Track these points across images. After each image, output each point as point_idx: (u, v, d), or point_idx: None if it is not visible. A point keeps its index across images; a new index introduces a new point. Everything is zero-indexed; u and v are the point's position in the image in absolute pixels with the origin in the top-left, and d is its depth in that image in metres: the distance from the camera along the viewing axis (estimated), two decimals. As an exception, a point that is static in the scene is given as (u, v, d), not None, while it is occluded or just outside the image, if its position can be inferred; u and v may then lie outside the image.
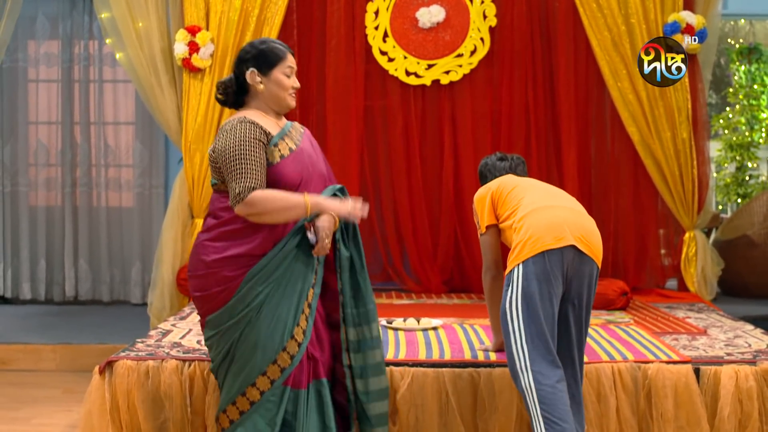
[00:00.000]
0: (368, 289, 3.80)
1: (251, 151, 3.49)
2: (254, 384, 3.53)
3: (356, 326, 3.75)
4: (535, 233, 3.79)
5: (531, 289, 3.71)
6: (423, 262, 6.92)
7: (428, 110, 6.84)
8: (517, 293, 3.74)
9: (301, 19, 6.80)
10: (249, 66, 3.67)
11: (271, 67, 3.67)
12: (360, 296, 3.76)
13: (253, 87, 3.68)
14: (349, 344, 3.74)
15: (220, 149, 3.51)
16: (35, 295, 8.35)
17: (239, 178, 3.45)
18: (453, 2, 6.73)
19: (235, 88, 3.74)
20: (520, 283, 3.74)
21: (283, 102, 3.71)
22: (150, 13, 6.51)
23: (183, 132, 6.52)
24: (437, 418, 4.17)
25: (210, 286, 3.54)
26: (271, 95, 3.69)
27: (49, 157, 8.38)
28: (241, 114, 3.64)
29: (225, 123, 3.60)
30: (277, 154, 3.58)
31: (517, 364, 3.70)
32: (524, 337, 3.70)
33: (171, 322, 5.26)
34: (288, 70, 3.70)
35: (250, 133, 3.52)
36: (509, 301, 3.75)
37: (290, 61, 3.72)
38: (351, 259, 3.73)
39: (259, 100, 3.71)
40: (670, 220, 6.87)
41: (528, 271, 3.74)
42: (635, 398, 4.19)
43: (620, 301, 5.93)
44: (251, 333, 3.51)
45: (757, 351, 4.53)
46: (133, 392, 4.18)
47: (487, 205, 4.14)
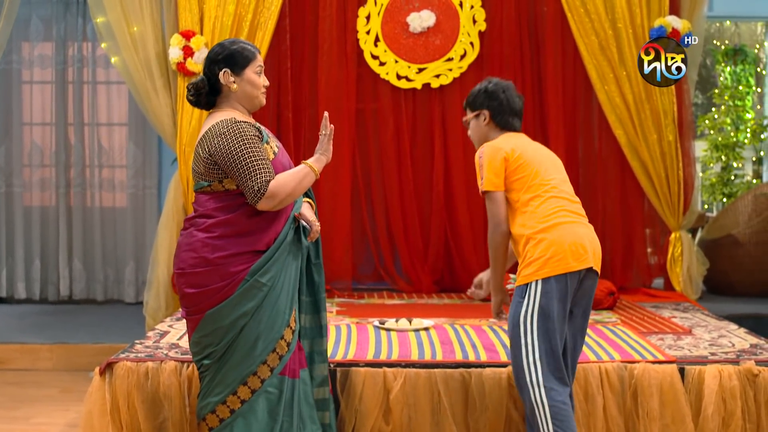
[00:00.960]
0: (321, 279, 3.93)
1: (256, 148, 3.56)
2: (255, 373, 3.60)
3: (307, 314, 3.89)
4: (559, 252, 3.79)
5: (550, 307, 3.75)
6: (414, 262, 6.97)
7: (419, 113, 6.90)
8: (534, 308, 3.75)
9: (293, 23, 6.82)
10: (221, 67, 3.70)
11: (243, 66, 3.71)
12: (312, 285, 3.90)
13: (226, 87, 3.71)
14: (302, 330, 3.86)
15: (223, 152, 3.55)
16: (30, 294, 8.38)
17: (254, 176, 3.52)
18: (443, 7, 6.78)
19: (207, 89, 3.76)
20: (539, 300, 3.76)
21: (255, 100, 3.77)
22: (145, 18, 6.53)
23: (178, 135, 6.54)
24: (429, 418, 4.24)
25: (211, 282, 3.59)
26: (245, 94, 3.73)
27: (44, 158, 8.43)
28: (223, 115, 3.67)
29: (213, 126, 3.61)
30: (270, 152, 3.67)
31: (527, 378, 3.73)
32: (537, 353, 3.73)
33: (167, 323, 5.33)
34: (258, 68, 3.75)
35: (248, 132, 3.58)
36: (525, 315, 3.76)
37: (260, 60, 3.77)
38: (308, 249, 3.85)
39: (231, 100, 3.74)
40: (657, 221, 6.93)
41: (550, 289, 3.76)
42: (622, 397, 4.27)
43: (607, 301, 5.98)
44: (254, 324, 3.59)
45: (740, 351, 4.61)
46: (133, 393, 4.24)
47: (500, 169, 3.98)
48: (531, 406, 3.74)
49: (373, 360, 4.39)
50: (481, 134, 4.15)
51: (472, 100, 4.17)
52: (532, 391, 3.72)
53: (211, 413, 3.64)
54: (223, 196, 3.63)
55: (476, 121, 4.15)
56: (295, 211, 3.73)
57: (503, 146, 3.99)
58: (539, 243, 3.80)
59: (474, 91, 4.19)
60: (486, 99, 4.13)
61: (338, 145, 6.59)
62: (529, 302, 3.77)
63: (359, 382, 4.27)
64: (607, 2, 6.53)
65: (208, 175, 3.63)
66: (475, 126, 4.16)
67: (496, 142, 4.02)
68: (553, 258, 3.77)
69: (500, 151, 3.97)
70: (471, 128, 4.20)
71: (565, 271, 3.78)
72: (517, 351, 3.77)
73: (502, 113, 4.12)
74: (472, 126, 4.18)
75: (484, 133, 4.14)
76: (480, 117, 4.13)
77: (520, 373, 3.76)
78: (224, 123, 3.59)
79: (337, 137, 6.58)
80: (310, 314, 3.89)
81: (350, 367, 4.30)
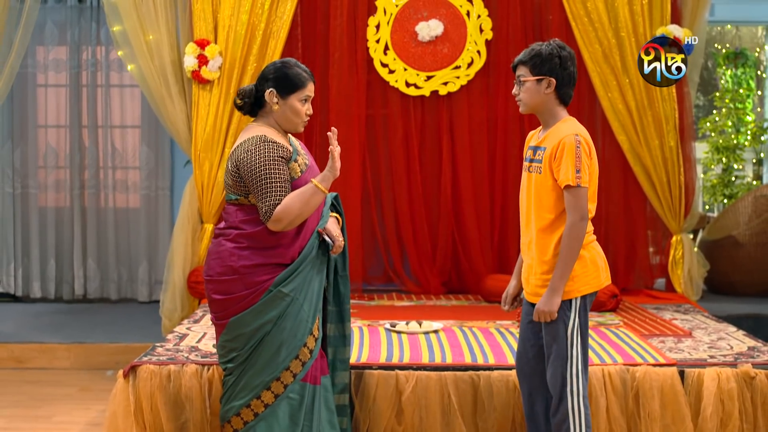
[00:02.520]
0: (347, 291, 4.08)
1: (277, 170, 3.70)
2: (279, 378, 3.76)
3: (332, 323, 4.06)
4: (596, 268, 3.85)
5: (587, 321, 3.85)
6: (422, 264, 7.03)
7: (427, 119, 6.95)
8: (577, 322, 3.79)
9: (305, 32, 6.89)
10: (270, 85, 3.81)
11: (290, 92, 3.81)
12: (338, 296, 4.06)
13: (269, 105, 3.85)
14: (328, 339, 4.04)
15: (247, 168, 3.70)
16: (45, 293, 8.44)
17: (265, 198, 3.68)
18: (451, 17, 6.82)
19: (252, 100, 3.90)
20: (579, 314, 3.81)
21: (293, 127, 3.88)
22: (160, 27, 6.60)
23: (192, 141, 6.63)
24: (440, 418, 4.36)
25: (236, 290, 3.74)
26: (284, 117, 3.85)
27: (58, 160, 8.49)
28: (258, 131, 3.80)
29: (245, 141, 3.75)
30: (298, 169, 3.80)
31: (568, 387, 3.77)
32: (580, 365, 3.79)
33: (186, 326, 5.44)
34: (305, 97, 3.84)
35: (274, 152, 3.72)
36: (572, 327, 3.78)
37: (309, 89, 3.85)
38: (335, 262, 4.02)
39: (271, 117, 3.87)
40: (658, 224, 6.99)
41: (587, 303, 3.85)
42: (624, 399, 4.37)
43: (610, 303, 6.08)
44: (277, 332, 3.74)
45: (738, 353, 4.73)
46: (155, 395, 4.36)
47: (594, 166, 3.82)
48: (564, 416, 3.77)
49: (385, 363, 4.50)
50: (538, 101, 3.84)
51: (540, 62, 3.79)
52: (572, 400, 3.76)
53: (235, 416, 3.79)
54: (249, 209, 3.78)
55: (537, 86, 3.81)
56: (320, 226, 3.87)
57: (588, 139, 3.79)
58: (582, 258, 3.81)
59: (543, 53, 3.80)
60: (557, 66, 3.80)
61: (349, 150, 6.72)
62: (574, 315, 3.80)
63: (373, 385, 4.38)
64: (611, 11, 6.57)
65: (235, 188, 3.78)
66: (534, 91, 3.82)
67: (585, 134, 3.80)
68: (593, 276, 3.83)
69: (592, 146, 3.81)
70: (526, 91, 3.84)
71: (600, 287, 3.88)
72: (563, 361, 3.78)
73: (568, 85, 3.85)
74: (530, 89, 3.83)
75: (541, 102, 3.83)
76: (543, 83, 3.80)
77: (562, 381, 3.78)
78: (254, 140, 3.73)
79: (348, 142, 6.71)
80: (335, 323, 4.05)
81: (364, 370, 4.41)
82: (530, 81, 3.81)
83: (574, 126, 3.80)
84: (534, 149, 3.91)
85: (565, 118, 3.84)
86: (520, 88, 3.86)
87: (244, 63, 6.57)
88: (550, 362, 3.83)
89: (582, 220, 3.73)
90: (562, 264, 3.74)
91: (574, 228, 3.72)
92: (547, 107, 3.85)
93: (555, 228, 3.80)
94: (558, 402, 3.81)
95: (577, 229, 3.72)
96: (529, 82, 3.82)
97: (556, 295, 3.76)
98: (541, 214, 3.83)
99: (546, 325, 3.83)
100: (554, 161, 3.75)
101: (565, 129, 3.78)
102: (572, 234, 3.73)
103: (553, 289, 3.76)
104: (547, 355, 3.86)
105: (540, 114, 3.88)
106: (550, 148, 3.77)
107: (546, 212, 3.81)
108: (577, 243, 3.74)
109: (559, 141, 3.73)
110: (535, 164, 3.87)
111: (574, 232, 3.72)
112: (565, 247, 3.74)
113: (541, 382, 3.95)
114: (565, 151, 3.72)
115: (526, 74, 3.83)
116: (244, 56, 6.57)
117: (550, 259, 3.80)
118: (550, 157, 3.77)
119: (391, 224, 7.08)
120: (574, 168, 3.70)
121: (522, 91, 3.85)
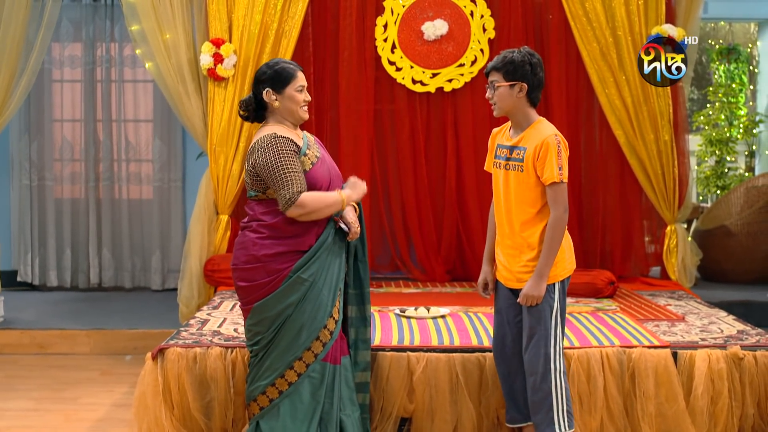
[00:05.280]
0: (366, 275, 4.32)
1: (290, 162, 3.94)
2: (301, 358, 3.99)
3: (353, 305, 4.28)
4: (571, 255, 4.16)
5: (565, 303, 4.11)
6: (428, 253, 7.18)
7: (433, 115, 7.10)
8: (558, 305, 4.06)
9: (316, 32, 7.04)
10: (265, 86, 4.08)
11: (284, 85, 4.08)
12: (358, 280, 4.29)
13: (270, 104, 4.10)
14: (349, 320, 4.27)
15: (263, 164, 3.94)
16: (61, 282, 8.59)
17: (287, 186, 3.91)
18: (455, 16, 6.95)
19: (254, 106, 4.15)
20: (560, 297, 4.08)
21: (296, 114, 4.12)
22: (177, 26, 6.74)
23: (208, 135, 6.78)
24: (449, 396, 4.56)
25: (258, 277, 3.98)
26: (286, 110, 4.10)
27: (74, 153, 8.62)
28: (269, 130, 4.04)
29: (257, 140, 4.00)
30: (308, 162, 4.04)
31: (551, 364, 4.01)
32: (561, 344, 4.06)
33: (206, 312, 5.64)
34: (299, 87, 4.11)
35: (285, 147, 3.96)
36: (556, 309, 4.05)
37: (301, 79, 4.12)
38: (355, 248, 4.26)
39: (276, 115, 4.12)
40: (653, 214, 7.13)
41: (565, 287, 4.12)
42: (621, 378, 4.56)
43: (608, 289, 6.25)
44: (298, 315, 3.97)
45: (727, 336, 4.93)
46: (182, 376, 4.56)
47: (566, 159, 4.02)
48: (547, 392, 4.00)
49: (397, 345, 4.71)
50: (511, 105, 4.04)
51: (512, 69, 4.00)
52: (555, 377, 4.00)
53: (261, 394, 4.03)
54: (268, 203, 4.02)
55: (509, 91, 4.01)
56: (337, 214, 4.10)
57: (561, 139, 4.01)
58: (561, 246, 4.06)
59: (515, 60, 4.00)
60: (529, 72, 4.01)
61: (357, 145, 6.89)
62: (557, 299, 4.05)
63: (386, 366, 4.58)
64: (608, 11, 6.70)
65: (254, 185, 4.03)
66: (507, 95, 4.02)
67: (559, 132, 4.03)
68: (569, 261, 4.13)
69: (562, 141, 4.01)
70: (499, 95, 4.04)
71: (572, 272, 4.17)
72: (547, 341, 4.01)
73: (537, 89, 4.06)
74: (503, 94, 4.02)
75: (514, 105, 4.04)
76: (515, 87, 4.01)
77: (545, 359, 4.01)
78: (265, 138, 3.98)
79: (357, 137, 6.87)
80: (356, 305, 4.28)
81: (378, 352, 4.59)
82: (503, 86, 4.03)
83: (550, 127, 4.05)
84: (510, 148, 4.13)
85: (539, 119, 4.11)
86: (494, 92, 4.07)
87: (258, 61, 6.71)
88: (533, 343, 4.06)
89: (565, 212, 4.01)
90: (548, 252, 4.00)
91: (559, 220, 4.00)
92: (520, 110, 4.07)
93: (538, 220, 4.08)
94: (540, 380, 4.02)
95: (561, 221, 4.00)
96: (503, 87, 4.03)
97: (542, 280, 4.01)
98: (524, 209, 4.09)
99: (530, 309, 4.07)
100: (537, 160, 4.01)
101: (545, 130, 4.04)
102: (558, 225, 4.00)
103: (541, 275, 4.01)
104: (529, 336, 4.09)
105: (513, 116, 4.13)
106: (531, 148, 4.02)
107: (529, 207, 4.08)
108: (561, 233, 4.02)
109: (542, 141, 3.99)
110: (513, 162, 4.11)
111: (559, 223, 4.00)
112: (549, 238, 4.00)
113: (519, 362, 4.21)
114: (549, 150, 3.96)
115: (499, 80, 4.05)
116: (257, 54, 6.72)
117: (536, 247, 4.06)
118: (533, 157, 4.02)
119: (398, 215, 7.24)
120: (557, 166, 3.96)
121: (495, 95, 4.07)
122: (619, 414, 4.56)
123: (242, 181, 6.74)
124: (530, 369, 4.08)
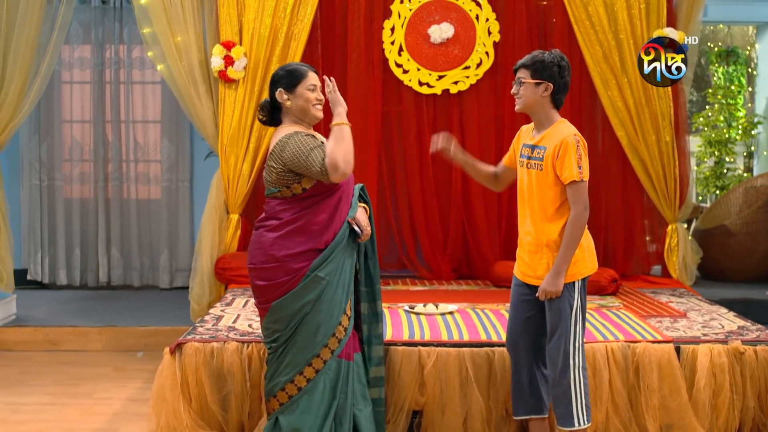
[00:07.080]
0: (376, 272, 4.40)
1: (310, 143, 4.01)
2: (318, 355, 4.07)
3: (365, 302, 4.36)
4: (592, 254, 4.22)
5: (586, 301, 4.19)
6: (434, 251, 7.26)
7: (439, 116, 7.16)
8: (579, 302, 4.13)
9: (324, 34, 7.12)
10: (278, 87, 4.18)
11: (295, 85, 4.16)
12: (369, 277, 4.38)
13: (282, 104, 4.19)
14: (362, 317, 4.34)
15: (291, 159, 4.00)
16: (71, 280, 8.65)
17: (314, 162, 3.97)
18: (461, 20, 7.03)
19: (270, 108, 4.25)
20: (581, 294, 4.15)
21: (309, 113, 4.20)
22: (188, 29, 6.82)
23: (219, 136, 6.86)
24: (458, 389, 4.66)
25: (277, 276, 4.06)
26: (299, 109, 4.18)
27: (83, 153, 8.69)
28: (286, 130, 4.13)
29: (278, 142, 4.07)
30: None
31: (571, 360, 4.08)
32: (582, 341, 4.13)
33: (219, 309, 5.73)
34: (311, 86, 4.18)
35: (304, 137, 4.05)
36: (576, 307, 4.11)
37: (312, 78, 4.19)
38: (365, 247, 4.35)
39: (291, 115, 4.20)
40: (655, 214, 7.20)
41: (585, 285, 4.19)
42: (625, 372, 4.67)
43: (611, 287, 6.35)
44: (315, 313, 4.05)
45: (729, 332, 5.03)
46: (200, 369, 4.67)
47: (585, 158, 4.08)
48: (567, 386, 4.08)
49: (409, 340, 4.81)
50: (535, 103, 4.12)
51: (541, 68, 4.08)
52: (574, 372, 4.08)
53: (281, 390, 4.11)
54: (290, 200, 4.09)
55: (535, 89, 4.09)
56: (350, 216, 4.19)
57: (581, 139, 4.08)
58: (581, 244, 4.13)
59: (544, 60, 4.09)
60: (556, 73, 4.08)
61: (365, 145, 6.94)
62: (579, 297, 4.12)
63: (398, 360, 4.68)
64: (610, 15, 6.79)
65: (278, 182, 4.09)
66: (532, 93, 4.10)
67: (578, 132, 4.10)
68: (590, 259, 4.19)
69: (581, 141, 4.07)
70: (524, 92, 4.12)
71: (594, 270, 4.24)
72: (568, 337, 4.09)
73: (562, 92, 4.14)
74: (528, 91, 4.11)
75: (538, 103, 4.12)
76: (541, 87, 4.09)
77: (565, 354, 4.08)
78: (286, 137, 4.08)
79: (365, 138, 6.91)
80: (367, 302, 4.36)
81: (389, 347, 4.69)
82: (529, 83, 4.11)
83: (571, 127, 4.12)
84: (531, 147, 4.22)
85: (560, 120, 4.19)
86: (519, 88, 4.15)
87: (268, 63, 6.80)
88: (554, 339, 4.14)
89: (585, 209, 4.06)
90: (566, 248, 4.07)
91: (579, 218, 4.06)
92: (542, 109, 4.14)
93: (557, 218, 4.15)
94: (560, 375, 4.10)
95: (581, 219, 4.06)
96: (529, 84, 4.11)
97: (560, 276, 4.08)
98: (544, 207, 4.17)
99: (550, 305, 4.16)
100: (557, 159, 4.09)
101: (565, 130, 4.12)
102: (577, 223, 4.06)
103: (559, 271, 4.08)
104: (550, 333, 4.17)
105: (534, 114, 4.22)
106: (551, 148, 4.10)
107: (549, 204, 4.16)
108: (580, 231, 4.08)
109: (561, 141, 4.07)
110: (534, 161, 4.19)
111: (579, 221, 4.06)
112: (569, 235, 4.08)
113: (527, 356, 4.32)
114: (568, 150, 4.03)
115: (526, 77, 4.13)
116: (267, 57, 6.81)
117: (556, 244, 4.13)
118: (553, 156, 4.10)
119: (405, 214, 7.31)
120: (576, 165, 4.02)
121: (521, 91, 4.14)
122: (624, 407, 4.65)
123: (252, 181, 6.87)
124: (551, 364, 4.18)
